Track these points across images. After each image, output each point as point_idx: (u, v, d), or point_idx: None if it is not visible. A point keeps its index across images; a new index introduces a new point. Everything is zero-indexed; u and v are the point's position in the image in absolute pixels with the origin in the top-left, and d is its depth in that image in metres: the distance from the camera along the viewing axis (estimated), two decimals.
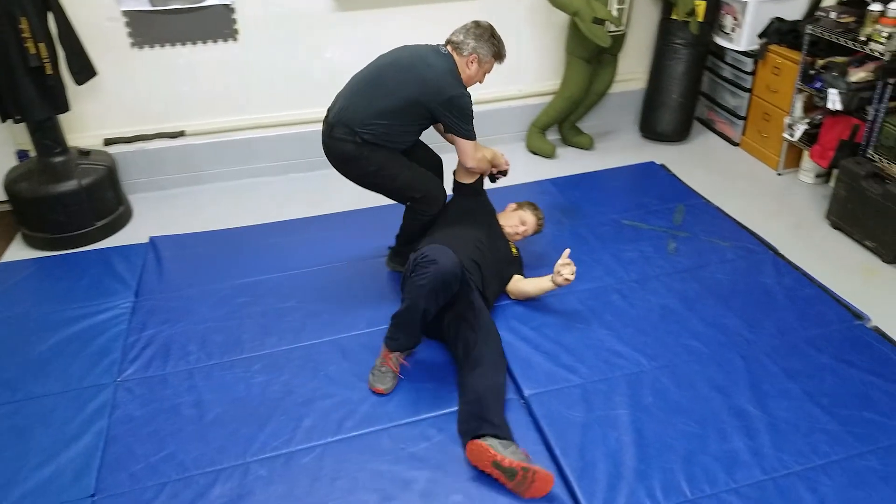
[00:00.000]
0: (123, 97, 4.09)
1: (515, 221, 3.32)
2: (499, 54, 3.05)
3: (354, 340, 2.98)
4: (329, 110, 3.11)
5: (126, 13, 3.87)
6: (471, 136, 3.01)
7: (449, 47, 3.01)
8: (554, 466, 2.39)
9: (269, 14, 4.09)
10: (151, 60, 4.04)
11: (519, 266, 3.28)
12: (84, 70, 3.72)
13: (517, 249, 3.32)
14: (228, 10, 4.01)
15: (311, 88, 4.34)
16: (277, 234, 3.76)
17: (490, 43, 3.00)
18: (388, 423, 2.57)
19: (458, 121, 2.95)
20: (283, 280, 3.37)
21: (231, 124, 4.31)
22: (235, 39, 4.10)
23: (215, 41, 4.08)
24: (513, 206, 3.43)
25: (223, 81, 4.20)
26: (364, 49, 4.27)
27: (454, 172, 3.30)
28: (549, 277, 2.98)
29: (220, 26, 4.04)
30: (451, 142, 3.10)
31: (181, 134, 4.24)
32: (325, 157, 3.16)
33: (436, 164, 3.32)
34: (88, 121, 4.10)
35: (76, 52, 3.64)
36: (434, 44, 3.06)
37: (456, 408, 2.61)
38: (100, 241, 3.78)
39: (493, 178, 3.39)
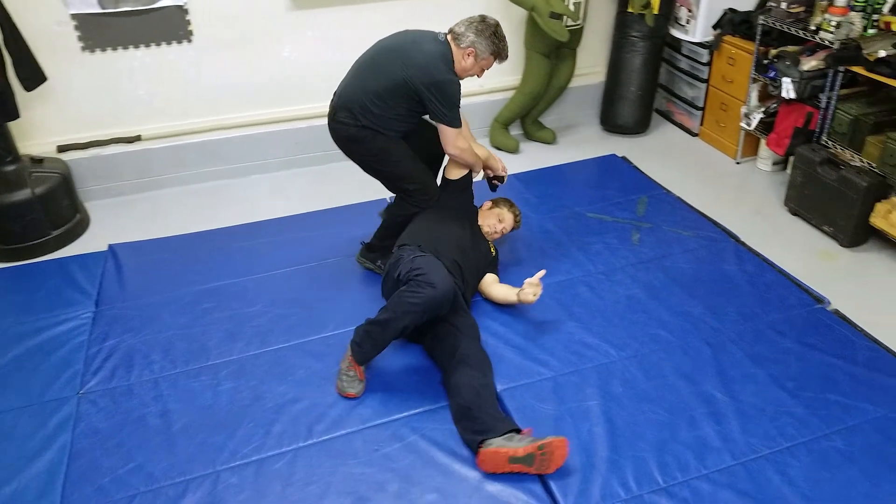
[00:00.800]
0: (76, 102, 4.00)
1: (493, 220, 3.31)
2: (498, 53, 2.99)
3: (323, 343, 2.95)
4: (334, 94, 3.15)
5: (75, 16, 3.78)
6: (454, 123, 2.98)
7: (449, 36, 2.99)
8: None
9: (224, 14, 4.03)
10: (104, 64, 3.95)
11: (495, 265, 3.28)
12: (33, 76, 3.63)
13: (495, 249, 3.32)
14: (182, 11, 3.94)
15: (270, 88, 4.29)
16: (241, 237, 3.71)
17: (490, 40, 2.94)
18: (359, 426, 2.55)
19: (441, 105, 2.92)
20: (248, 284, 3.32)
21: (189, 127, 4.24)
22: (190, 41, 4.04)
23: (169, 43, 4.00)
24: (488, 204, 3.41)
25: (179, 84, 4.13)
26: (322, 47, 4.29)
27: (444, 168, 3.28)
28: (515, 291, 2.97)
29: (173, 28, 3.97)
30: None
31: (137, 138, 4.16)
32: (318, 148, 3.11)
33: (435, 157, 3.28)
34: (40, 128, 4.00)
35: (24, 57, 3.55)
36: (436, 31, 3.06)
37: (428, 407, 2.61)
38: (57, 250, 3.69)
39: (492, 186, 3.39)
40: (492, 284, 3.14)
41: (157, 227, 3.86)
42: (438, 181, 3.33)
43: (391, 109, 2.99)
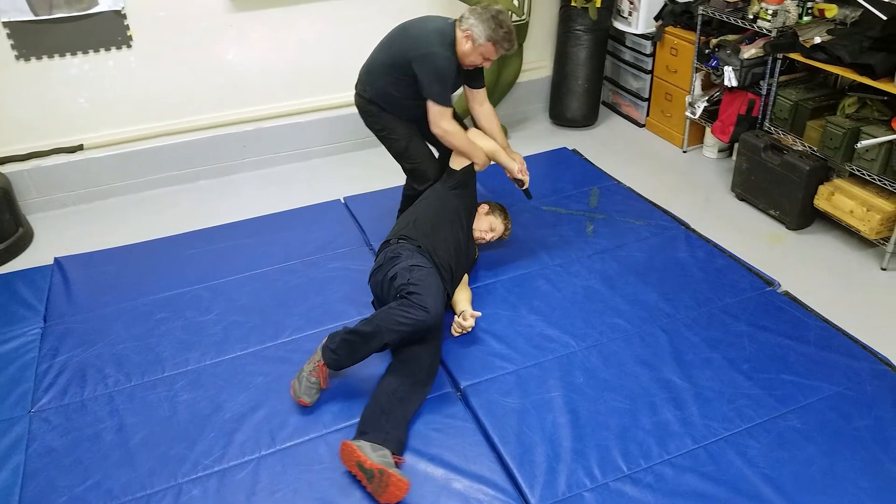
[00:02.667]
0: (13, 113, 3.87)
1: (486, 227, 3.28)
2: (496, 40, 2.91)
3: (281, 349, 2.91)
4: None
5: (7, 24, 3.66)
6: (441, 100, 2.98)
7: (457, 20, 2.99)
8: (494, 455, 2.41)
9: (164, 18, 3.94)
10: (40, 73, 3.83)
11: (472, 268, 3.29)
12: None
13: (477, 253, 3.33)
14: (119, 16, 3.84)
15: (215, 91, 4.22)
16: (192, 244, 3.64)
17: (488, 24, 2.89)
18: (322, 431, 2.53)
19: (429, 79, 2.93)
20: (201, 292, 3.26)
21: (133, 134, 4.15)
22: (130, 46, 3.94)
23: (108, 49, 3.91)
24: (485, 207, 3.35)
25: (121, 90, 4.03)
26: (266, 48, 4.23)
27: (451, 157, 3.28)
28: (464, 301, 3.00)
29: (112, 33, 3.87)
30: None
31: (80, 148, 4.05)
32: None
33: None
34: None
35: None
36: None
37: None
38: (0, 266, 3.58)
39: (525, 193, 3.40)
40: (461, 288, 3.12)
41: (105, 237, 3.77)
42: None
43: (391, 85, 3.06)
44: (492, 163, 3.28)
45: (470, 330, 2.91)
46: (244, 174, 4.43)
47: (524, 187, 3.37)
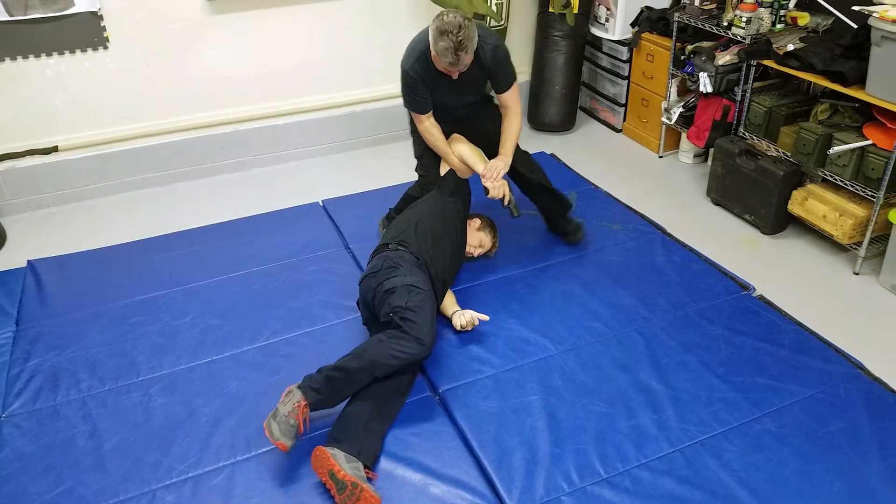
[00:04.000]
0: None
1: (476, 242, 3.30)
2: (435, 50, 2.84)
3: (258, 353, 2.89)
4: None
5: None
6: (410, 108, 3.14)
7: None
8: (472, 459, 2.41)
9: (141, 19, 3.91)
10: (15, 73, 3.79)
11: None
12: None
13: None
14: (96, 17, 3.81)
15: (192, 93, 4.20)
16: (168, 247, 3.60)
17: (432, 34, 2.83)
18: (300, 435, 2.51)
19: (401, 89, 3.10)
20: (176, 295, 3.23)
21: (108, 136, 4.11)
22: (106, 47, 3.91)
23: (84, 50, 3.87)
24: (477, 222, 3.35)
25: (97, 92, 3.99)
26: (243, 51, 4.21)
27: None
28: (453, 312, 2.98)
29: (88, 34, 3.83)
30: None
31: (55, 149, 4.00)
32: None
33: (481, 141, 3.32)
34: None
35: None
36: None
37: None
38: None
39: (508, 207, 3.28)
40: (447, 300, 3.10)
41: (79, 240, 3.73)
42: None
43: None
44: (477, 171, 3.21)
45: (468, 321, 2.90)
46: (221, 176, 4.40)
47: (505, 204, 3.22)
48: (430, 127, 3.17)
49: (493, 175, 3.13)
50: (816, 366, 2.76)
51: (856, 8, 3.28)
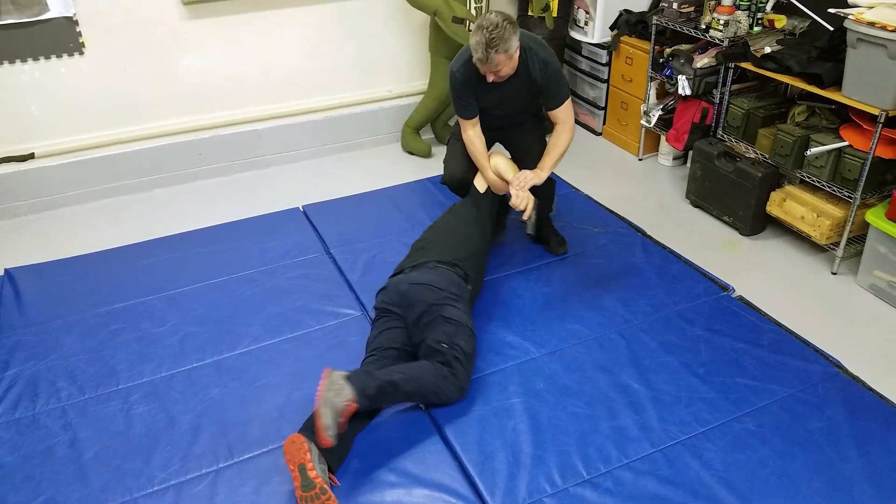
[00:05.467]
0: None
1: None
2: (471, 45, 2.87)
3: (238, 360, 2.88)
4: None
5: None
6: (457, 112, 3.21)
7: None
8: (455, 462, 2.41)
9: (116, 25, 3.89)
10: None
11: None
12: None
13: None
14: (71, 22, 3.78)
15: (170, 99, 4.18)
16: (147, 254, 3.58)
17: (472, 31, 2.87)
18: (281, 442, 2.48)
19: None
20: (156, 303, 3.21)
21: (85, 142, 4.08)
22: (82, 53, 3.88)
23: (60, 56, 3.83)
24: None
25: (74, 98, 3.96)
26: (222, 56, 4.20)
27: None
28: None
29: (64, 40, 3.80)
30: None
31: (31, 157, 3.97)
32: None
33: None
34: None
35: None
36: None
37: None
38: None
39: (525, 221, 3.17)
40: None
41: (57, 248, 3.69)
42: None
43: None
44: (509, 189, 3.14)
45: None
46: (200, 182, 4.38)
47: (524, 217, 3.09)
48: (472, 137, 3.20)
49: (521, 184, 3.08)
50: (795, 365, 2.79)
51: (832, 10, 3.32)
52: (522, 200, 3.06)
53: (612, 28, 4.61)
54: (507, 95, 3.11)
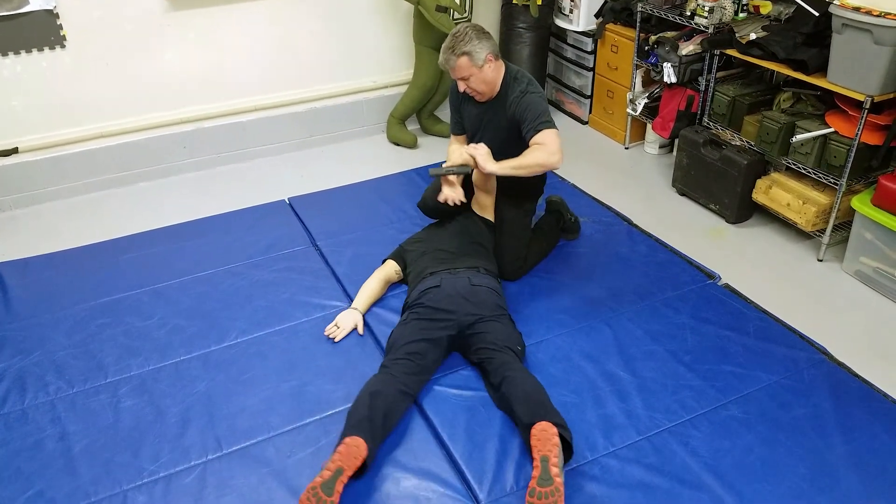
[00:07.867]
0: None
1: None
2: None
3: (225, 352, 2.87)
4: None
5: None
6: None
7: None
8: (443, 452, 2.42)
9: (98, 17, 3.86)
10: None
11: None
12: None
13: None
14: (52, 15, 3.74)
15: (153, 91, 4.15)
16: (132, 248, 3.56)
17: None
18: (270, 433, 2.50)
19: None
20: (142, 297, 3.20)
21: (69, 136, 4.05)
22: (64, 46, 3.84)
23: (41, 49, 3.80)
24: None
25: (56, 92, 3.93)
26: (205, 48, 4.17)
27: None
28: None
29: (44, 33, 3.76)
30: None
31: (14, 151, 3.93)
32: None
33: None
34: None
35: None
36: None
37: (339, 409, 2.56)
38: None
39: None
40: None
41: (42, 242, 3.67)
42: None
43: None
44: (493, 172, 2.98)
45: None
46: (185, 175, 4.36)
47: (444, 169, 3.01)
48: (455, 144, 3.28)
49: (471, 150, 2.91)
50: (781, 352, 2.80)
51: None
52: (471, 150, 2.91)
53: (597, 16, 4.60)
54: (486, 119, 3.09)
